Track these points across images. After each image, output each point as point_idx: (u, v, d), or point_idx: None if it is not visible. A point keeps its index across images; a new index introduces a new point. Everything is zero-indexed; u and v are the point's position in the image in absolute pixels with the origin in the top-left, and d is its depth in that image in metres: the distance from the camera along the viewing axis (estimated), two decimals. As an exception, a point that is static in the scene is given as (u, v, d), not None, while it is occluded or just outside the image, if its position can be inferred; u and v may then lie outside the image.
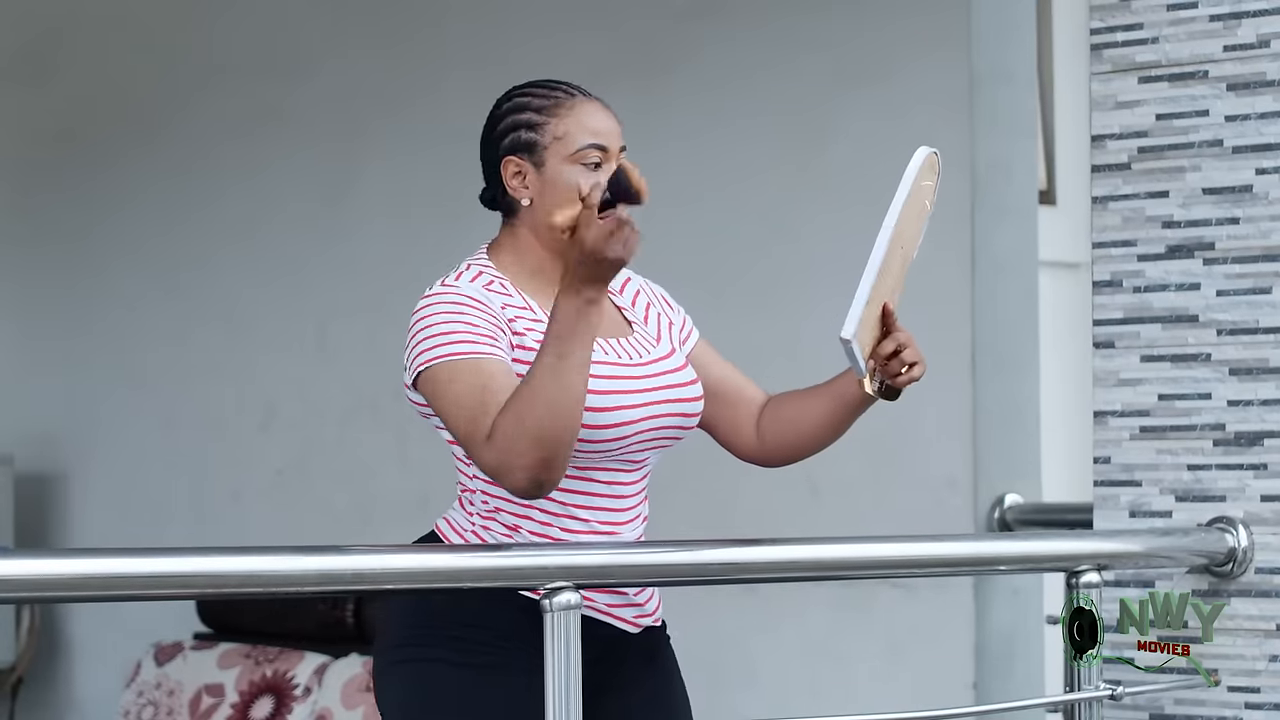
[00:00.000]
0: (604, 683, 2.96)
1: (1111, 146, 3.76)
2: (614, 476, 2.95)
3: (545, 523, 2.93)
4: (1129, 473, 3.72)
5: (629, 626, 3.00)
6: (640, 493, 3.00)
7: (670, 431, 2.97)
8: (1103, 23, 3.78)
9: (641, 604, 3.01)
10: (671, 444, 3.00)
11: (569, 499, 2.93)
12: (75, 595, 2.71)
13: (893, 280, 2.95)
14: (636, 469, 2.98)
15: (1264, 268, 3.61)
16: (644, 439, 2.94)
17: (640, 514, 3.00)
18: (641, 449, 2.95)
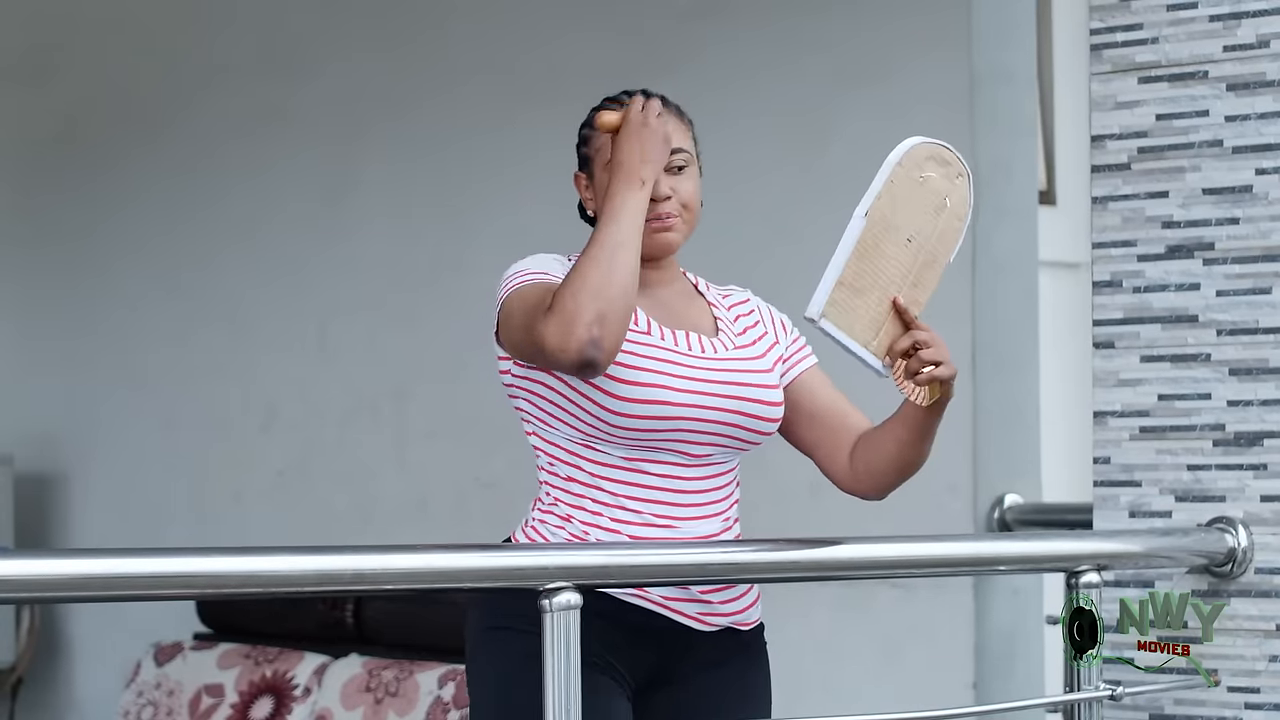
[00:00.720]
0: (658, 676, 3.00)
1: (1111, 147, 3.76)
2: (670, 470, 2.98)
3: (596, 512, 2.98)
4: (1129, 473, 3.72)
5: (694, 623, 3.01)
6: (710, 490, 3.02)
7: (733, 430, 3.00)
8: (1102, 23, 3.78)
9: (711, 602, 3.02)
10: (739, 446, 3.04)
11: (621, 490, 2.97)
12: (75, 595, 2.71)
13: (900, 275, 2.94)
14: (697, 464, 3.00)
15: (1264, 268, 3.61)
16: (695, 431, 2.97)
17: (714, 512, 3.02)
18: (696, 443, 2.98)
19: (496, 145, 5.53)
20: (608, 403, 2.94)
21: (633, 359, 2.95)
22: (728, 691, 3.05)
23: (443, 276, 5.61)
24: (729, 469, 3.05)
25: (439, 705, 4.85)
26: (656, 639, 2.99)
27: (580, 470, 2.99)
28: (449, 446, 5.59)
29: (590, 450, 2.99)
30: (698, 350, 3.02)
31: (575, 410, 2.97)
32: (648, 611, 2.98)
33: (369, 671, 5.06)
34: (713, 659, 3.04)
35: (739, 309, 3.16)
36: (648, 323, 3.01)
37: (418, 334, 5.66)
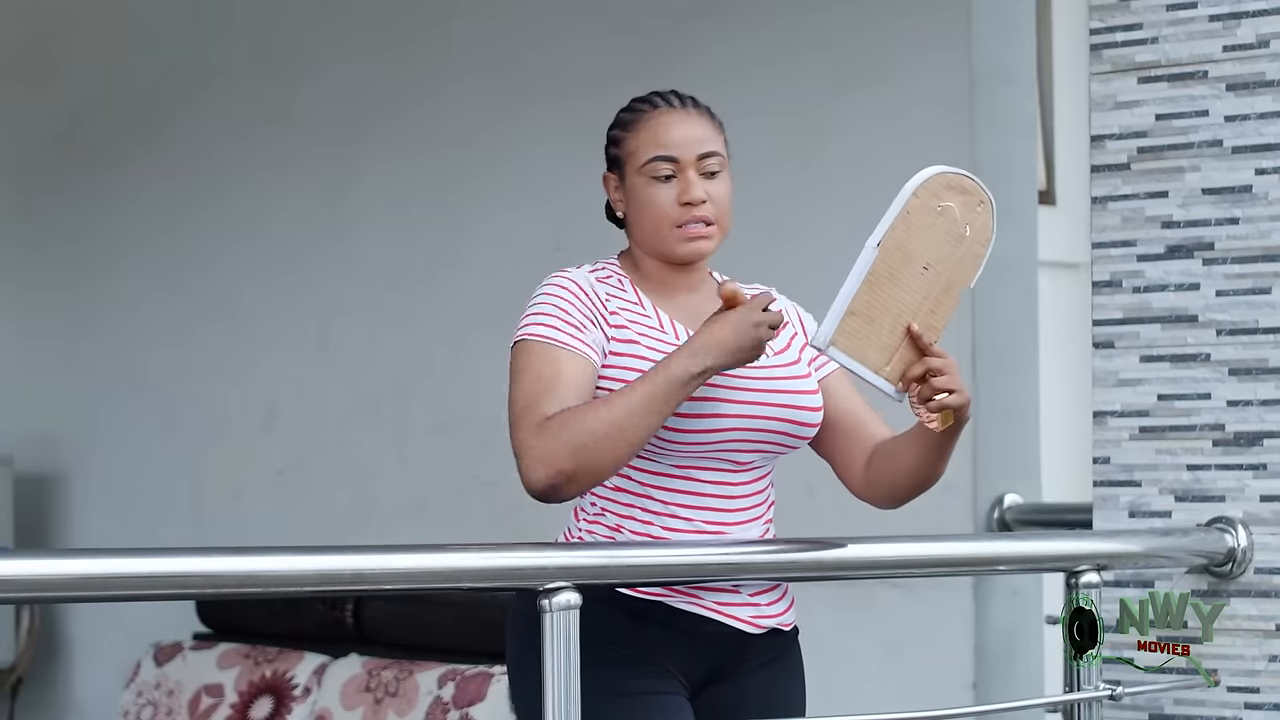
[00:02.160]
0: (710, 677, 3.01)
1: (1111, 147, 3.76)
2: (719, 477, 2.98)
3: (648, 521, 2.97)
4: (1128, 473, 3.72)
5: (748, 626, 3.01)
6: (753, 494, 3.01)
7: (778, 437, 3.00)
8: (1102, 23, 3.78)
9: (760, 604, 3.02)
10: (782, 450, 3.03)
11: (672, 498, 2.96)
12: (75, 595, 2.71)
13: (916, 302, 2.91)
14: (744, 470, 2.99)
15: (1263, 268, 3.61)
16: (745, 441, 2.97)
17: (756, 516, 3.01)
18: (745, 451, 2.98)
19: (496, 144, 5.53)
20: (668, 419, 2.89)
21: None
22: (771, 690, 3.06)
23: (442, 275, 5.61)
24: (768, 472, 3.05)
25: (438, 705, 4.85)
26: (713, 644, 3.00)
27: (630, 480, 2.97)
28: (449, 445, 5.59)
29: (641, 459, 2.95)
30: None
31: None
32: (703, 618, 2.98)
33: (368, 671, 5.06)
34: (761, 659, 3.05)
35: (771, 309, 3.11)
36: (687, 334, 2.98)
37: (418, 333, 5.66)
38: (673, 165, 2.98)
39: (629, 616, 2.93)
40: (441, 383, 5.61)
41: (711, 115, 3.07)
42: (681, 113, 3.03)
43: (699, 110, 3.05)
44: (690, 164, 2.98)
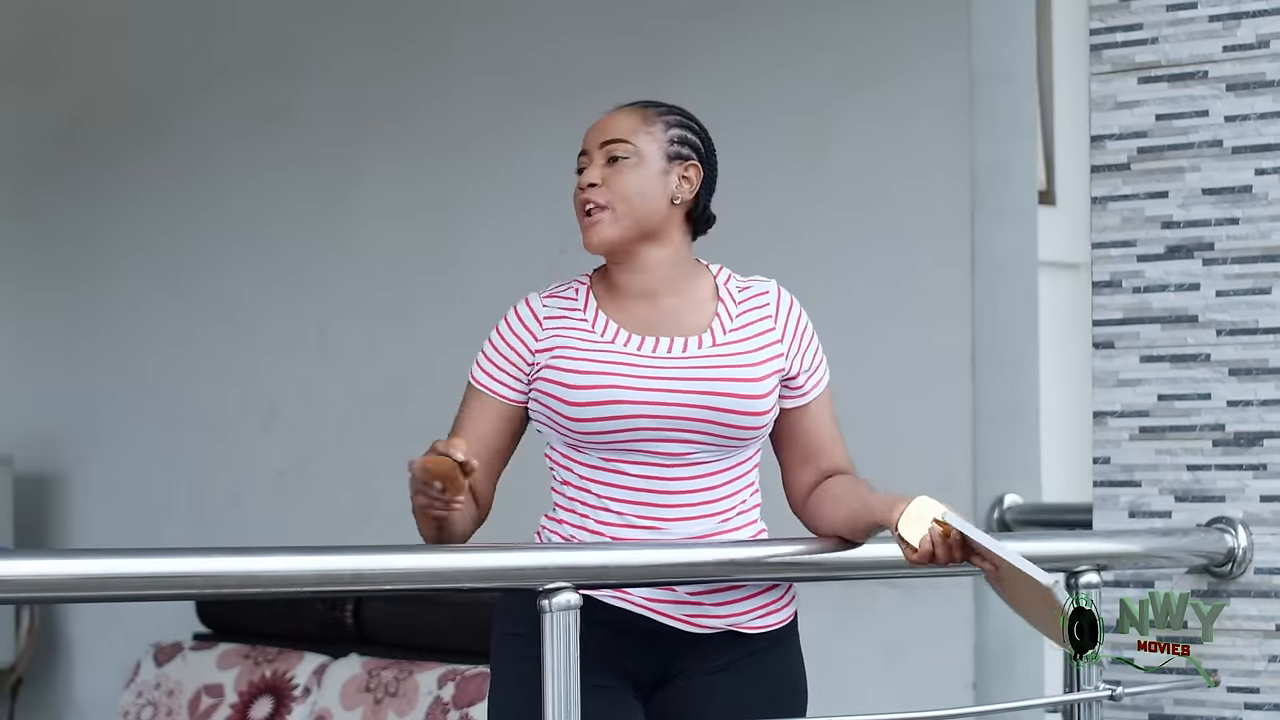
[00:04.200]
0: (661, 677, 3.01)
1: (1111, 147, 3.76)
2: (648, 470, 2.98)
3: (584, 515, 3.00)
4: (1128, 473, 3.72)
5: (684, 625, 3.00)
6: (696, 490, 2.99)
7: (708, 426, 2.97)
8: (1102, 23, 3.78)
9: (703, 604, 3.00)
10: (725, 444, 3.00)
11: (602, 490, 2.99)
12: (75, 595, 2.72)
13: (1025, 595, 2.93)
14: (677, 464, 2.98)
15: (1263, 268, 3.61)
16: (664, 430, 2.96)
17: (704, 513, 3.00)
18: (672, 442, 2.97)
19: (497, 145, 5.53)
20: (562, 409, 2.97)
21: (585, 364, 2.98)
22: (732, 695, 3.03)
23: (442, 276, 5.61)
24: (723, 468, 3.02)
25: (438, 705, 4.85)
26: (648, 641, 2.99)
27: (571, 474, 3.02)
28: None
29: (576, 452, 3.01)
30: (662, 352, 2.99)
31: (550, 415, 3.00)
32: (631, 614, 2.98)
33: (368, 672, 5.06)
34: (717, 663, 3.02)
35: (751, 303, 3.10)
36: (616, 331, 3.01)
37: (418, 334, 5.66)
38: (584, 158, 3.06)
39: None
40: (441, 384, 5.57)
41: (649, 113, 3.07)
42: (611, 112, 3.09)
43: (631, 108, 3.08)
44: (595, 153, 3.05)
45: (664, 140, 3.04)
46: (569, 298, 3.07)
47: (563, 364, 2.99)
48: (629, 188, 3.01)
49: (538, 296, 3.08)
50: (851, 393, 4.87)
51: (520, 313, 3.07)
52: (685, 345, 3.01)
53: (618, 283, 3.06)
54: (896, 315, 4.86)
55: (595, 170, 3.02)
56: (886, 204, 4.91)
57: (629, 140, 3.02)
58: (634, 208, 3.01)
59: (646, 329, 3.02)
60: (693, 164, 3.06)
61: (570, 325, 3.03)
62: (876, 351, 4.86)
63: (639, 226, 3.02)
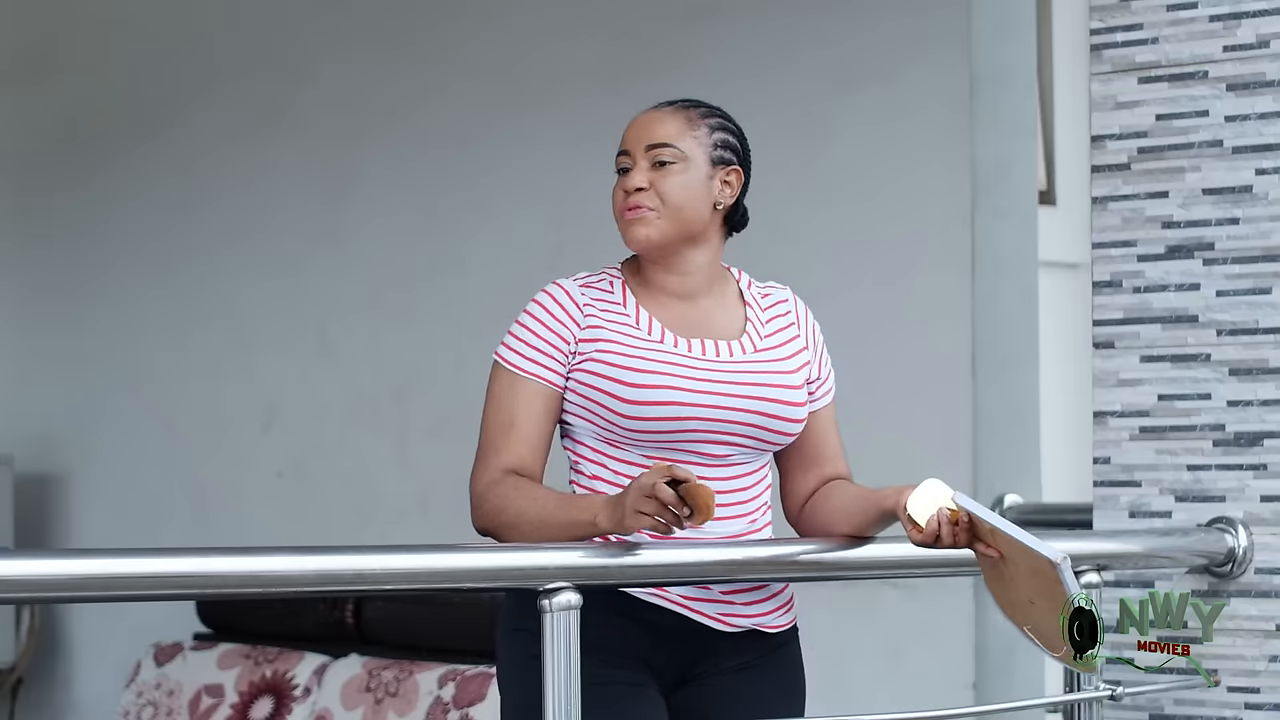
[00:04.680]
0: (684, 675, 3.01)
1: (1111, 147, 3.76)
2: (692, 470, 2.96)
3: None
4: (1129, 473, 3.72)
5: (715, 624, 3.00)
6: (732, 491, 3.00)
7: (752, 431, 2.99)
8: (1102, 23, 3.78)
9: (734, 603, 3.01)
10: (760, 448, 3.03)
11: None
12: (75, 595, 2.71)
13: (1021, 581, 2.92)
14: (718, 465, 2.99)
15: (1264, 268, 3.61)
16: (713, 433, 2.97)
17: (736, 513, 3.01)
18: (715, 444, 2.98)
19: (497, 146, 5.53)
20: (617, 406, 2.95)
21: (641, 363, 2.96)
22: (752, 694, 3.05)
23: (442, 276, 5.61)
24: (754, 469, 3.04)
25: (439, 705, 4.85)
26: (678, 638, 3.00)
27: (605, 469, 3.00)
28: (449, 446, 5.57)
29: (614, 449, 2.99)
30: (711, 355, 3.00)
31: (594, 410, 2.98)
32: (668, 611, 2.98)
33: (369, 672, 5.06)
34: (739, 661, 3.04)
35: (776, 309, 3.12)
36: (662, 331, 3.01)
37: (417, 333, 5.66)
38: (627, 158, 3.03)
39: (592, 605, 2.90)
40: (441, 383, 5.61)
41: (692, 115, 3.06)
42: (652, 113, 3.07)
43: (674, 109, 3.06)
44: (639, 155, 3.02)
45: (708, 144, 3.04)
46: (605, 289, 3.04)
47: (614, 359, 2.97)
48: (676, 194, 3.00)
49: (572, 283, 3.04)
50: (851, 393, 4.87)
51: (558, 297, 3.02)
52: (730, 350, 3.02)
53: (655, 281, 3.05)
54: (896, 315, 4.86)
55: (641, 174, 3.00)
56: (886, 204, 4.91)
57: (675, 144, 3.01)
58: (679, 212, 3.00)
59: (689, 330, 3.03)
60: (735, 168, 3.07)
61: (613, 319, 3.01)
62: (876, 352, 4.86)
63: (682, 230, 3.01)
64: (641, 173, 3.00)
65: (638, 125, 3.05)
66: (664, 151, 3.00)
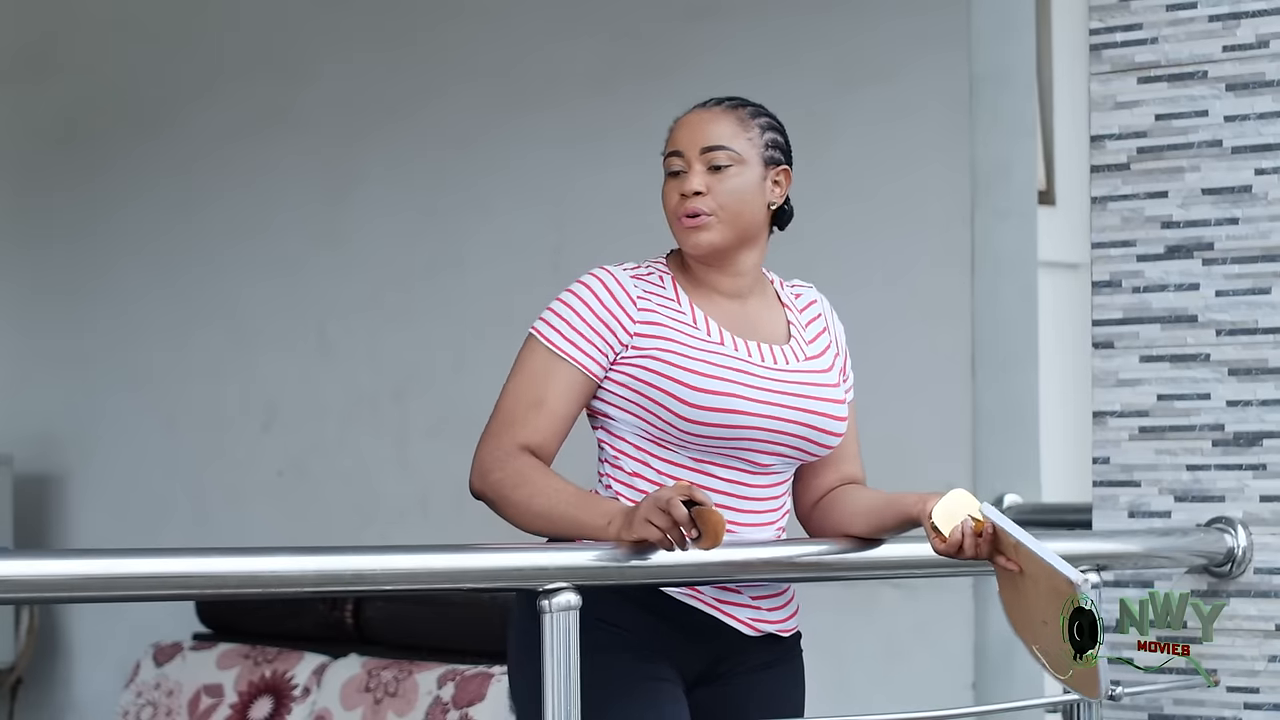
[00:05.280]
0: (705, 675, 3.00)
1: (1111, 147, 3.76)
2: (736, 476, 2.97)
3: None
4: (1128, 473, 3.72)
5: (745, 628, 3.01)
6: (770, 499, 3.01)
7: (800, 443, 2.99)
8: (1102, 23, 3.78)
9: (761, 608, 3.02)
10: (802, 458, 3.02)
11: None
12: (75, 596, 2.71)
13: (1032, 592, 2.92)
14: (762, 473, 2.99)
15: (1263, 268, 3.61)
16: (765, 442, 2.95)
17: (770, 521, 3.01)
18: (765, 453, 2.97)
19: (496, 146, 5.53)
20: (681, 409, 2.91)
21: (708, 367, 2.93)
22: (766, 694, 3.06)
23: (442, 276, 5.61)
24: (786, 478, 3.04)
25: (438, 705, 4.85)
26: (706, 638, 3.00)
27: (648, 468, 2.97)
28: (450, 446, 5.57)
29: (660, 449, 2.96)
30: (769, 361, 2.98)
31: (651, 409, 2.93)
32: (701, 613, 2.98)
33: (368, 672, 5.06)
34: (757, 662, 3.05)
35: (809, 312, 3.11)
36: (720, 333, 2.98)
37: (417, 333, 5.66)
38: (680, 160, 2.98)
39: (628, 602, 2.93)
40: (441, 383, 5.61)
41: (743, 115, 3.04)
42: (702, 112, 3.04)
43: (725, 109, 3.04)
44: (695, 159, 2.98)
45: (760, 145, 3.02)
46: (656, 284, 3.00)
47: (678, 360, 2.92)
48: (735, 198, 2.97)
49: (622, 273, 2.98)
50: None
51: (610, 286, 2.96)
52: (785, 357, 3.00)
53: (707, 281, 3.01)
54: (896, 315, 4.86)
55: (698, 177, 2.96)
56: (886, 204, 4.91)
57: (730, 147, 2.98)
58: (738, 215, 2.97)
59: (743, 333, 3.00)
60: (784, 168, 3.05)
61: (670, 317, 2.96)
62: (876, 351, 4.85)
63: (741, 233, 2.99)
64: (698, 176, 2.96)
65: (689, 125, 3.01)
66: (720, 155, 2.97)
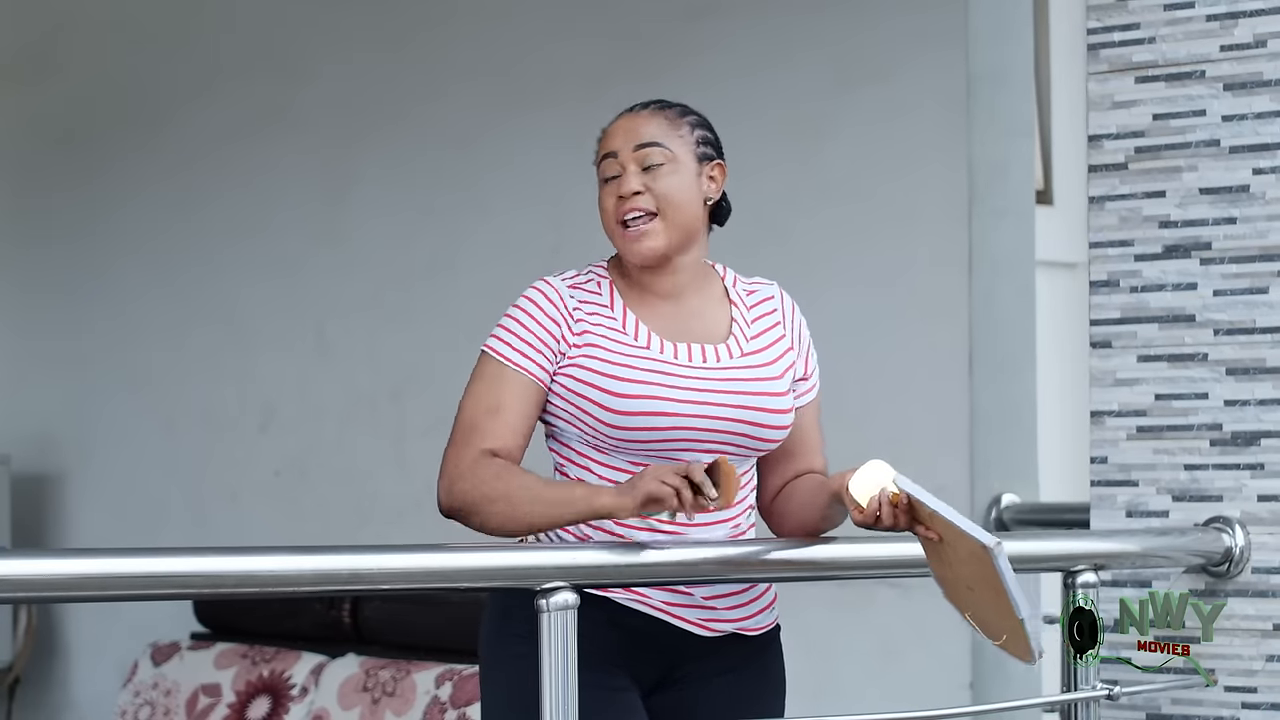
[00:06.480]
0: (664, 679, 3.00)
1: (1108, 146, 3.76)
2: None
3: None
4: (1126, 472, 3.72)
5: (696, 629, 3.00)
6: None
7: (738, 439, 2.97)
8: (1100, 23, 3.78)
9: (716, 608, 3.00)
10: (749, 453, 3.01)
11: None
12: (73, 595, 2.71)
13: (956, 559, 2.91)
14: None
15: (1261, 267, 3.61)
16: (699, 441, 2.95)
17: (719, 518, 2.99)
18: (700, 453, 2.95)
19: (495, 146, 5.53)
20: (604, 415, 2.93)
21: (630, 372, 2.94)
22: (732, 697, 3.04)
23: (440, 276, 5.61)
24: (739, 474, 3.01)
25: (436, 705, 4.85)
26: (659, 644, 2.99)
27: (590, 474, 2.98)
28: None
29: (601, 454, 2.97)
30: (698, 361, 2.98)
31: (581, 417, 2.96)
32: (648, 617, 2.98)
33: (366, 671, 5.06)
34: (720, 665, 3.03)
35: (761, 308, 3.09)
36: (649, 336, 2.98)
37: (416, 333, 5.66)
38: (614, 163, 2.98)
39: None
40: (439, 383, 5.59)
41: (671, 115, 3.02)
42: (631, 116, 3.03)
43: (652, 111, 3.02)
44: (629, 159, 2.97)
45: (692, 142, 3.01)
46: (593, 292, 3.01)
47: (601, 367, 2.94)
48: (673, 194, 2.97)
49: (560, 283, 3.00)
50: (848, 392, 4.88)
51: (550, 295, 2.98)
52: (717, 355, 2.99)
53: (643, 282, 3.02)
54: (893, 315, 4.87)
55: (634, 178, 2.96)
56: (883, 203, 4.91)
57: (663, 144, 2.98)
58: (680, 213, 2.97)
59: (676, 334, 3.00)
60: (718, 163, 3.04)
61: (601, 323, 2.98)
62: (873, 351, 4.86)
63: (684, 232, 2.99)
64: (634, 176, 2.96)
65: (620, 128, 3.00)
66: (654, 152, 2.97)
